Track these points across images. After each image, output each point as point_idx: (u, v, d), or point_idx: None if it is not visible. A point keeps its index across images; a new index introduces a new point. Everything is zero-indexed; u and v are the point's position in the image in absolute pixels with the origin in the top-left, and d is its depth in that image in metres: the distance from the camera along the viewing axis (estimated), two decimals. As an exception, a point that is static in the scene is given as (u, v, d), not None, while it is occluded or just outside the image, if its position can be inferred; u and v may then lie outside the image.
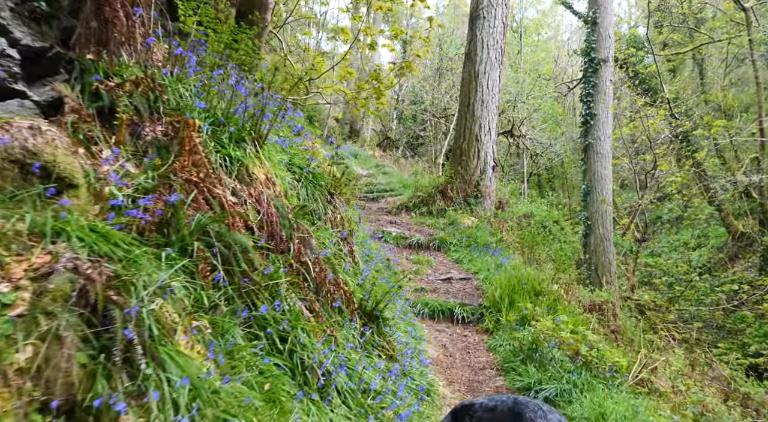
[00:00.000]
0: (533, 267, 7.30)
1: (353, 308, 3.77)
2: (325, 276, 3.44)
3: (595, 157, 12.40)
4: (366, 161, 14.26)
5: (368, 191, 11.66)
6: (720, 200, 16.72)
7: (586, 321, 5.99)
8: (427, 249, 8.73)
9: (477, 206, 9.96)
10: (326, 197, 4.56)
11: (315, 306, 3.26)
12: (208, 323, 2.39)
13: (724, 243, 17.62)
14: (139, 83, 3.05)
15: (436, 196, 10.23)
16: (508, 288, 6.08)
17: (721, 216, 17.19)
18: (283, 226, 3.35)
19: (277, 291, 2.89)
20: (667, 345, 9.32)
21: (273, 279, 2.90)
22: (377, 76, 7.26)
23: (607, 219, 12.25)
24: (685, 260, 15.08)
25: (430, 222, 9.72)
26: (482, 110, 10.20)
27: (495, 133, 10.37)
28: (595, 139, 12.37)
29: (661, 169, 12.16)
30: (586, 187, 12.44)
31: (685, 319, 13.10)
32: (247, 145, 3.51)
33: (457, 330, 5.89)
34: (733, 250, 17.40)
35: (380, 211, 10.42)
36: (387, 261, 6.71)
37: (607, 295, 7.90)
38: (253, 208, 3.28)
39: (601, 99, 12.41)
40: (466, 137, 10.25)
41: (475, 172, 10.15)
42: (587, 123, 12.55)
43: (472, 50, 10.40)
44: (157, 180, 2.73)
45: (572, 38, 28.80)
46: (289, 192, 3.92)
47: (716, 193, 16.94)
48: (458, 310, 6.08)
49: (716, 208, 16.87)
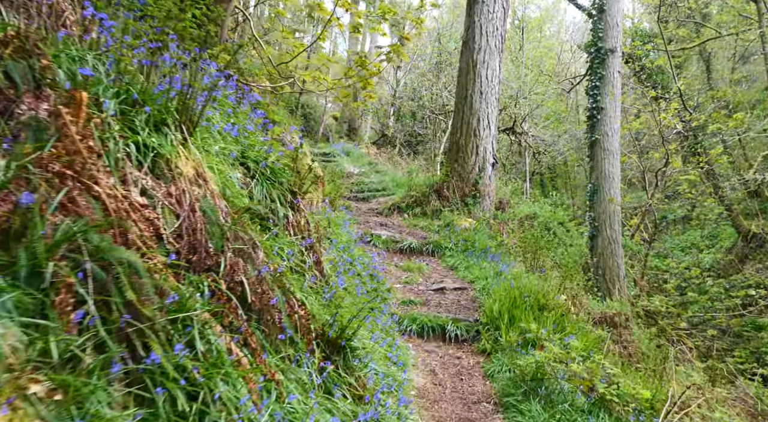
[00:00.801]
0: (537, 275, 6.51)
1: (311, 337, 2.98)
2: (269, 299, 2.65)
3: (602, 153, 11.58)
4: (359, 159, 13.49)
5: (358, 191, 10.87)
6: (730, 199, 15.95)
7: (598, 341, 5.19)
8: (420, 254, 7.94)
9: (475, 206, 9.17)
10: (287, 197, 3.77)
11: (252, 341, 2.47)
12: (57, 385, 1.60)
13: (734, 244, 16.87)
14: (7, 42, 2.27)
15: (431, 195, 9.44)
16: (508, 302, 5.28)
17: (731, 216, 16.45)
18: (211, 235, 2.56)
19: (187, 327, 2.10)
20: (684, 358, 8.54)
21: (182, 311, 2.11)
22: (362, 61, 6.48)
23: (615, 220, 11.43)
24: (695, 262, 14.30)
25: (423, 224, 8.93)
26: (481, 102, 9.40)
27: (495, 128, 9.57)
28: (602, 135, 11.55)
29: (673, 167, 11.35)
30: (593, 186, 11.62)
31: (694, 323, 12.32)
32: (170, 130, 2.72)
33: (450, 350, 5.09)
34: (744, 252, 16.66)
35: (370, 212, 9.63)
36: (370, 269, 5.93)
37: (618, 306, 7.11)
38: (171, 211, 2.50)
39: (609, 91, 11.59)
40: (464, 132, 9.46)
41: (474, 169, 9.36)
42: (594, 117, 11.73)
43: (470, 38, 9.60)
44: (13, 172, 1.95)
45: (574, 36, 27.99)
46: (232, 191, 3.13)
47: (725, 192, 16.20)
48: (451, 327, 5.29)
49: (726, 207, 16.13)
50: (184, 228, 2.46)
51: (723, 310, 12.24)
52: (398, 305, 5.77)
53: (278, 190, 3.74)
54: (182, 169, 2.68)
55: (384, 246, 7.96)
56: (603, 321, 6.73)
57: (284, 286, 2.88)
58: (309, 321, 3.02)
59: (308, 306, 3.20)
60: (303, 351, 2.87)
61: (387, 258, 7.63)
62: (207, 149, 3.07)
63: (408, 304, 5.82)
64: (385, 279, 6.18)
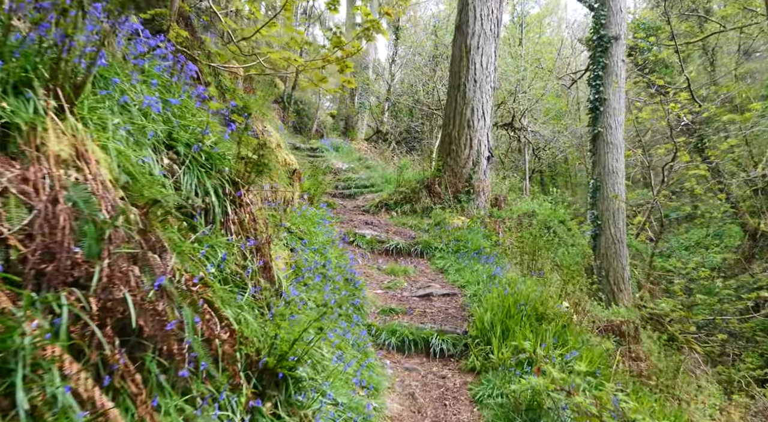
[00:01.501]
0: (535, 278, 5.81)
1: (237, 369, 2.28)
2: (165, 322, 1.95)
3: (605, 147, 10.88)
4: (348, 154, 12.78)
5: (345, 187, 10.17)
6: (735, 197, 15.31)
7: (606, 356, 4.50)
8: (407, 255, 7.24)
9: (469, 203, 8.47)
10: (227, 189, 3.07)
11: (133, 382, 1.78)
12: None
13: (740, 242, 16.26)
14: None
15: (422, 191, 8.74)
16: (501, 311, 4.58)
17: (737, 213, 15.84)
18: (82, 235, 1.87)
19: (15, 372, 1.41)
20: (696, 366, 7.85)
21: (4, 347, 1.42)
22: (338, 40, 5.77)
23: (619, 218, 10.74)
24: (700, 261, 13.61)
25: (413, 222, 8.23)
26: (475, 91, 8.70)
27: (490, 118, 8.87)
28: (605, 127, 10.86)
29: (681, 161, 10.64)
30: (595, 182, 10.92)
31: (701, 326, 11.63)
32: (36, 94, 2.03)
33: (434, 367, 4.40)
34: (751, 251, 16.06)
35: (356, 209, 8.93)
36: (347, 273, 5.24)
37: (626, 312, 6.41)
38: (21, 202, 1.80)
39: (612, 81, 10.89)
40: (456, 123, 8.76)
41: (467, 163, 8.66)
42: (596, 109, 11.03)
43: (463, 21, 8.90)
44: None
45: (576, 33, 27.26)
46: (141, 179, 2.43)
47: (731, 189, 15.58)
48: (436, 340, 4.59)
49: (732, 205, 15.51)
50: (36, 226, 1.77)
51: (734, 313, 11.57)
52: (377, 314, 5.08)
53: (216, 179, 3.05)
54: (51, 147, 1.98)
55: (368, 246, 7.27)
56: (609, 329, 6.04)
57: (196, 302, 2.18)
58: (235, 347, 2.32)
59: (241, 325, 2.50)
60: (222, 387, 2.17)
61: (371, 260, 6.94)
62: (102, 124, 2.37)
63: (388, 313, 5.12)
64: (363, 284, 5.49)
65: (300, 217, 6.18)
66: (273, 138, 6.55)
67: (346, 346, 3.85)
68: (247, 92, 8.16)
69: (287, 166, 6.62)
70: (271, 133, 6.57)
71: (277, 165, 6.47)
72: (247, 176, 3.23)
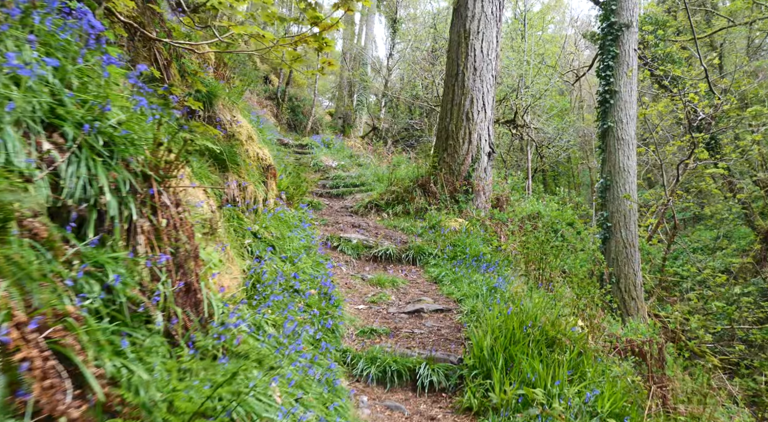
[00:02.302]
0: (542, 291, 5.01)
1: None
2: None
3: (616, 143, 10.07)
4: (339, 151, 11.97)
5: (333, 186, 9.37)
6: (746, 197, 14.54)
7: (630, 391, 3.69)
8: (398, 262, 6.45)
9: (467, 204, 7.66)
10: (134, 185, 2.27)
11: None
12: None
13: (750, 245, 15.49)
14: None
15: (416, 190, 7.94)
16: (504, 335, 3.78)
17: (747, 214, 15.10)
18: None
19: None
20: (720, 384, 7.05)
21: None
22: (314, 15, 4.95)
23: (631, 220, 9.92)
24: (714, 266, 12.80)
25: (405, 224, 7.43)
26: (474, 80, 7.90)
27: (491, 110, 8.07)
28: (616, 122, 10.05)
29: (698, 158, 9.82)
30: (605, 181, 10.11)
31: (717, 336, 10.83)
32: None
33: (421, 405, 3.60)
34: (762, 253, 15.32)
35: (344, 210, 8.13)
36: (324, 286, 4.46)
37: (646, 330, 5.61)
38: None
39: (623, 72, 10.08)
40: (454, 116, 7.96)
41: (466, 160, 7.86)
42: (606, 102, 10.22)
43: (461, 3, 8.09)
44: None
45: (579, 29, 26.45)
46: None
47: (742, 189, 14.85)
48: (425, 370, 3.79)
49: (743, 206, 14.77)
50: None
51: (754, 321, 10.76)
52: (356, 337, 4.27)
53: (118, 172, 2.25)
54: None
55: (354, 252, 6.47)
56: (629, 349, 5.24)
57: (33, 359, 1.38)
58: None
59: (122, 387, 1.70)
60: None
61: (356, 267, 6.15)
62: None
63: (369, 335, 4.32)
64: (341, 299, 4.69)
65: (273, 220, 5.39)
66: (243, 129, 5.74)
67: (309, 385, 3.05)
68: (222, 79, 7.36)
69: (260, 161, 5.82)
70: (241, 123, 5.77)
71: (247, 160, 5.68)
72: (167, 168, 2.42)
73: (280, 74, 23.36)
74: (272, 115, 22.01)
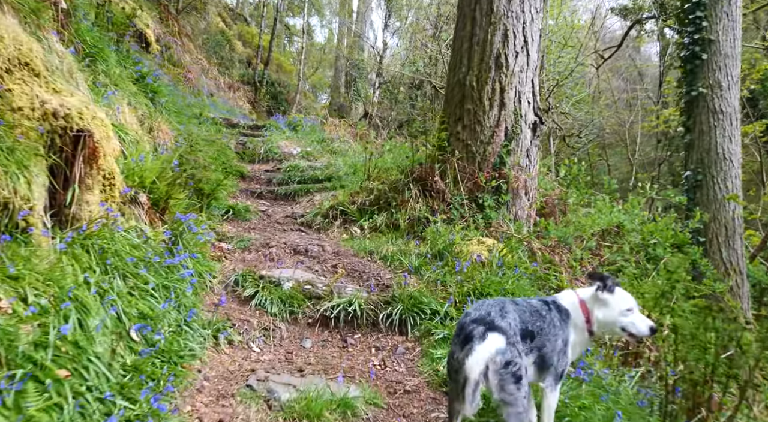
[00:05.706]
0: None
1: None
2: None
3: (710, 118, 6.78)
4: (308, 135, 8.68)
5: (283, 181, 6.10)
6: None
7: None
8: (370, 328, 3.17)
9: (500, 211, 4.39)
10: None
11: None
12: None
13: None
14: None
15: (409, 188, 4.65)
16: None
17: None
18: None
19: None
20: None
21: None
22: None
23: (735, 233, 6.63)
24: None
25: (390, 248, 4.14)
26: (510, 0, 4.62)
27: (537, 52, 4.77)
28: (711, 87, 6.75)
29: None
30: (694, 175, 6.82)
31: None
32: None
33: None
34: None
35: (288, 221, 4.85)
36: None
37: None
38: None
39: (723, 10, 6.78)
40: (474, 61, 4.67)
41: (495, 135, 4.57)
42: (695, 58, 6.91)
43: None
44: None
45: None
46: None
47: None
48: None
49: None
50: None
51: None
52: None
53: None
54: None
55: (284, 308, 3.20)
56: None
57: None
58: None
59: None
60: None
61: (281, 345, 2.89)
62: None
63: None
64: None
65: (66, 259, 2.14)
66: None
67: None
68: None
69: (49, 120, 2.59)
70: None
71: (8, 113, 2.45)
72: None
73: (258, 54, 20.16)
74: (247, 101, 18.80)
